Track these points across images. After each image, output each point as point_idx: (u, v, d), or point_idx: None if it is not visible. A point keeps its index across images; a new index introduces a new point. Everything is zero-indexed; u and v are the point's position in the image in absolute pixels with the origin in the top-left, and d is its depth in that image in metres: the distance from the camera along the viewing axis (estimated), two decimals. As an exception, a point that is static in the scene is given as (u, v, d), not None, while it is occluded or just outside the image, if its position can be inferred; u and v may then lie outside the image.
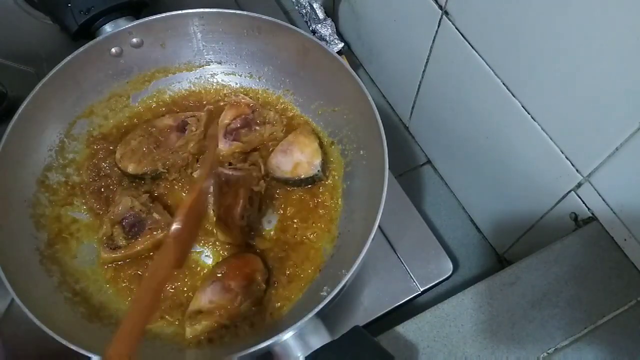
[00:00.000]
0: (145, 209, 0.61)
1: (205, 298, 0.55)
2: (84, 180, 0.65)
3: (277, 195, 0.65)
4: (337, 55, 0.63)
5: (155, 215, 0.61)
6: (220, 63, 0.72)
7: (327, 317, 0.52)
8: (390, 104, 0.85)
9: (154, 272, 0.42)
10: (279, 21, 0.64)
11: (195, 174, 0.64)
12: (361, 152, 0.63)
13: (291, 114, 0.70)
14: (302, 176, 0.63)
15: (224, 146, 0.65)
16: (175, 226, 0.45)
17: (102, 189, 0.64)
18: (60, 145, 0.65)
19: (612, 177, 0.50)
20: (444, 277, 0.66)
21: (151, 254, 0.60)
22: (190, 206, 0.47)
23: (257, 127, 0.67)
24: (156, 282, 0.42)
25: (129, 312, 0.39)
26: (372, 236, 0.51)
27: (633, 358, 0.49)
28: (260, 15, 0.65)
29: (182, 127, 0.67)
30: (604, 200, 0.52)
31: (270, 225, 0.63)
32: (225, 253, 0.61)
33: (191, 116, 0.68)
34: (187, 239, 0.49)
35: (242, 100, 0.69)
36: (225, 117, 0.67)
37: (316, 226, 0.63)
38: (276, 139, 0.67)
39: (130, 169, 0.64)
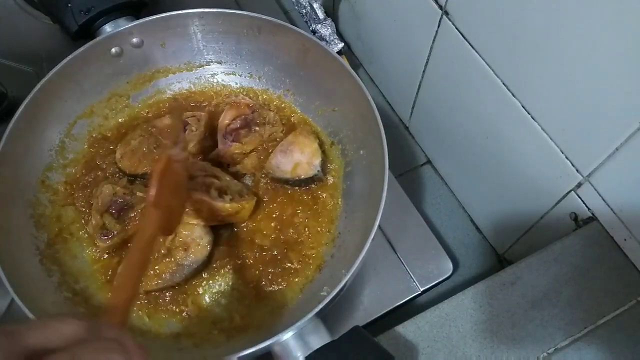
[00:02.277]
0: (127, 191, 0.61)
1: None
2: (84, 180, 0.65)
3: (276, 195, 0.65)
4: (337, 55, 0.63)
5: (140, 194, 0.61)
6: (220, 63, 0.72)
7: (327, 317, 0.52)
8: (390, 104, 0.85)
9: (138, 242, 0.43)
10: (279, 21, 0.64)
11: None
12: (361, 152, 0.63)
13: (291, 113, 0.70)
14: (302, 176, 0.63)
15: (224, 147, 0.65)
16: (150, 192, 0.46)
17: (102, 189, 0.64)
18: (61, 145, 0.65)
19: (612, 177, 0.50)
20: (444, 277, 0.66)
21: None
22: (160, 172, 0.48)
23: (257, 128, 0.67)
24: (142, 243, 0.43)
25: (116, 283, 0.40)
26: (372, 236, 0.51)
27: (633, 358, 0.49)
28: (260, 15, 0.65)
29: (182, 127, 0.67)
30: (604, 200, 0.52)
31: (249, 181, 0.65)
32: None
33: (191, 116, 0.68)
34: (171, 206, 0.51)
35: (242, 101, 0.69)
36: (225, 118, 0.67)
37: (316, 226, 0.63)
38: (275, 140, 0.67)
39: (131, 168, 0.64)
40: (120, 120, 0.69)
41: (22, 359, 0.26)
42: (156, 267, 0.58)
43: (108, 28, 0.67)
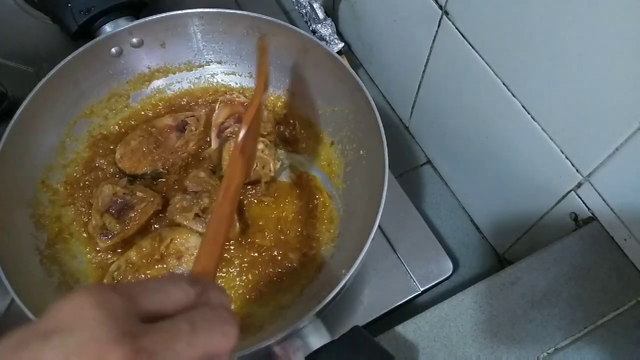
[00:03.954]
0: (127, 191, 0.61)
1: None
2: (84, 180, 0.65)
3: (277, 196, 0.65)
4: (337, 55, 0.63)
5: (139, 194, 0.61)
6: (220, 63, 0.72)
7: (327, 317, 0.52)
8: (390, 104, 0.85)
9: (227, 189, 0.42)
10: (279, 21, 0.64)
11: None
12: (361, 152, 0.63)
13: (291, 113, 0.70)
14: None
15: (217, 146, 0.65)
16: (241, 136, 0.46)
17: (102, 189, 0.64)
18: (61, 145, 0.65)
19: (612, 177, 0.50)
20: (444, 277, 0.66)
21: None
22: (251, 117, 0.48)
23: None
24: (231, 192, 0.42)
25: (208, 232, 0.38)
26: (372, 236, 0.51)
27: (633, 358, 0.49)
28: (260, 15, 0.65)
29: (181, 127, 0.67)
30: (604, 200, 0.52)
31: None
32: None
33: (191, 116, 0.68)
34: (252, 151, 0.51)
35: (237, 99, 0.68)
36: (219, 116, 0.67)
37: (316, 226, 0.63)
38: (270, 134, 0.67)
39: (131, 169, 0.64)
40: (120, 120, 0.69)
41: (138, 320, 0.25)
42: (148, 272, 0.58)
43: (108, 28, 0.67)
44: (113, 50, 0.66)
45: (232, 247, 0.62)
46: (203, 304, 0.29)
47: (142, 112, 0.70)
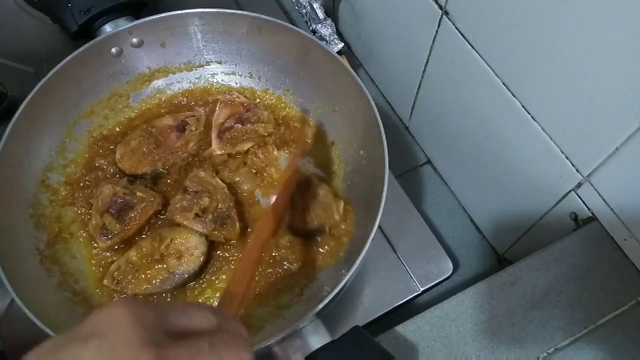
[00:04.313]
0: (127, 191, 0.61)
1: None
2: (84, 180, 0.65)
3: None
4: (337, 55, 0.63)
5: (139, 194, 0.61)
6: (220, 63, 0.72)
7: (327, 317, 0.52)
8: (390, 104, 0.85)
9: (256, 240, 0.47)
10: (279, 21, 0.64)
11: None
12: (361, 152, 0.63)
13: (291, 113, 0.70)
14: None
15: (217, 146, 0.65)
16: (275, 197, 0.51)
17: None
18: (61, 145, 0.65)
19: (612, 177, 0.50)
20: (444, 277, 0.66)
21: (143, 236, 0.61)
22: (287, 180, 0.54)
23: (250, 125, 0.67)
24: (258, 248, 0.46)
25: (233, 276, 0.43)
26: (372, 236, 0.51)
27: (633, 358, 0.49)
28: (260, 15, 0.65)
29: (181, 127, 0.67)
30: (604, 200, 0.52)
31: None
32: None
33: (191, 116, 0.68)
34: (282, 211, 0.56)
35: (237, 99, 0.68)
36: (219, 117, 0.67)
37: (316, 226, 0.63)
38: (270, 135, 0.67)
39: (130, 169, 0.64)
40: (120, 120, 0.69)
41: (164, 335, 0.28)
42: (148, 272, 0.58)
43: (108, 28, 0.67)
44: (113, 50, 0.66)
45: (232, 247, 0.62)
46: (223, 331, 0.32)
47: (142, 112, 0.70)
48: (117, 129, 0.69)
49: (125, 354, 0.26)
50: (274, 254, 0.61)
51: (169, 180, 0.65)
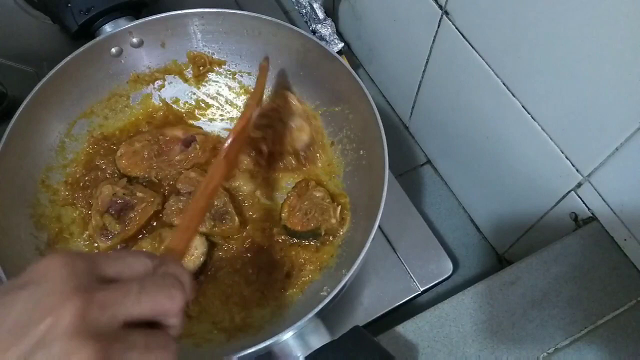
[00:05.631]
0: (127, 191, 0.62)
1: None
2: (84, 180, 0.65)
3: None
4: (337, 55, 0.63)
5: (139, 194, 0.62)
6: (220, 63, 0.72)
7: (327, 317, 0.52)
8: (390, 104, 0.85)
9: (207, 185, 0.47)
10: (279, 21, 0.64)
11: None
12: (361, 152, 0.63)
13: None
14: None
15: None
16: (225, 145, 0.51)
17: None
18: (61, 145, 0.65)
19: (612, 177, 0.50)
20: (444, 277, 0.66)
21: (143, 236, 0.61)
22: (240, 129, 0.53)
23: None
24: (209, 190, 0.47)
25: (184, 214, 0.45)
26: (372, 236, 0.51)
27: (633, 358, 0.49)
28: (260, 15, 0.65)
29: (188, 142, 0.66)
30: (604, 200, 0.52)
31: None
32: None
33: (202, 134, 0.68)
34: (234, 158, 0.56)
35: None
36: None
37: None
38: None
39: (126, 169, 0.64)
40: (120, 120, 0.69)
41: (96, 280, 0.30)
42: None
43: (108, 28, 0.67)
44: (113, 50, 0.66)
45: (232, 247, 0.62)
46: (159, 274, 0.33)
47: (142, 113, 0.70)
48: (117, 129, 0.69)
49: (55, 300, 0.27)
50: (278, 255, 0.61)
51: (164, 183, 0.65)
